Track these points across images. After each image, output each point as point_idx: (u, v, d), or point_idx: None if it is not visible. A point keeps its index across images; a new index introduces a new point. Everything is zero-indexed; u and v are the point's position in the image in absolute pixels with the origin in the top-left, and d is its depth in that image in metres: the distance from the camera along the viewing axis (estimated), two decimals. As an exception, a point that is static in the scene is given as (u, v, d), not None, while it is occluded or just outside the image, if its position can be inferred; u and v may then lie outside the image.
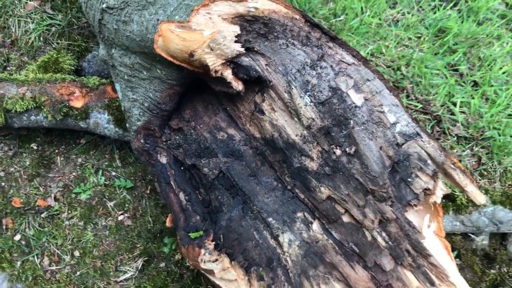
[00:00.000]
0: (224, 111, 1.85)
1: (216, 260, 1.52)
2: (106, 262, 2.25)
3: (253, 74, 1.58)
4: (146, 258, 2.26)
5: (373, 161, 1.47)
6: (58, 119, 2.13)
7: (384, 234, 1.46)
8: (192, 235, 1.66)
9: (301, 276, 1.50)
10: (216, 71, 1.54)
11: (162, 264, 2.28)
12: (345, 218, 1.55)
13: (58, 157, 2.48)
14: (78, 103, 2.15)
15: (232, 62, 1.57)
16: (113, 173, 2.47)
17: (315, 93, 1.56)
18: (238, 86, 1.62)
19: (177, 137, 1.90)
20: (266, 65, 1.61)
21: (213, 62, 1.49)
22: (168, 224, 1.85)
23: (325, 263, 1.51)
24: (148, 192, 2.39)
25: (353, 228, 1.53)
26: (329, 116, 1.54)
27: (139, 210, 2.40)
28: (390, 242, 1.46)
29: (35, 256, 2.24)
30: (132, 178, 2.45)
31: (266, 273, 1.52)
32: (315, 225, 1.57)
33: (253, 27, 1.54)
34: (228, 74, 1.58)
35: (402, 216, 1.45)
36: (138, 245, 2.31)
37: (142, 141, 1.91)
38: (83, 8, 1.98)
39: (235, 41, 1.51)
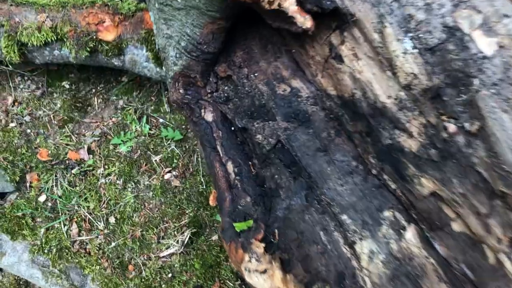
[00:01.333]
0: (288, 54, 1.48)
1: (265, 271, 1.22)
2: (148, 231, 2.08)
3: (327, 5, 1.19)
4: (195, 229, 2.04)
5: (508, 148, 1.03)
6: (84, 56, 1.87)
7: (516, 259, 1.07)
8: (238, 226, 1.38)
9: (384, 308, 1.17)
10: (270, 2, 1.15)
11: (215, 237, 2.06)
12: (456, 226, 1.16)
13: (95, 98, 2.29)
14: (108, 35, 1.87)
15: None
16: (160, 120, 2.25)
17: (421, 35, 1.15)
18: (305, 22, 1.23)
19: (226, 88, 1.58)
20: None
21: None
22: (211, 203, 1.60)
23: (421, 291, 1.15)
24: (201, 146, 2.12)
25: (467, 242, 1.14)
26: (441, 71, 1.12)
27: (190, 168, 2.20)
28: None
29: (62, 223, 2.11)
30: (183, 127, 2.19)
31: (334, 296, 1.20)
32: (410, 233, 1.20)
33: None
34: (290, 5, 1.19)
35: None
36: (187, 211, 2.11)
37: (181, 91, 1.61)
38: None
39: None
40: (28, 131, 2.21)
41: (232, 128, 1.60)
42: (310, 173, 1.33)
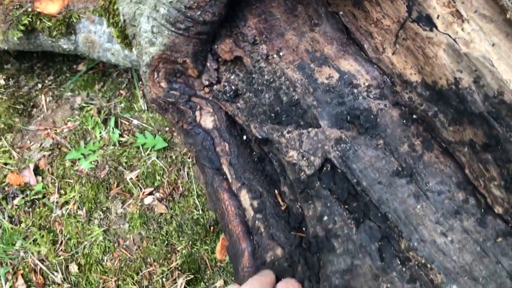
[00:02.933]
0: (331, 19, 1.07)
1: None
2: (125, 280, 1.77)
3: None
4: (191, 274, 1.73)
5: None
6: (17, 39, 1.43)
7: None
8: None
9: None
10: None
11: (219, 283, 1.68)
12: None
13: (43, 96, 2.00)
14: (50, 6, 1.51)
15: None
16: (134, 122, 1.93)
17: None
18: None
19: (233, 77, 1.19)
20: None
21: None
22: (219, 255, 1.28)
23: None
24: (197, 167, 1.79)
25: None
26: None
27: (179, 187, 1.88)
28: None
29: (2, 277, 1.75)
30: (166, 130, 1.81)
31: None
32: None
33: None
34: None
35: None
36: (178, 248, 1.81)
37: (163, 84, 1.22)
38: None
39: None
40: (-52, 147, 1.85)
41: (245, 138, 1.18)
42: (386, 213, 0.91)
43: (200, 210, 1.79)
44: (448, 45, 0.86)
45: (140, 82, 1.92)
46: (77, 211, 1.83)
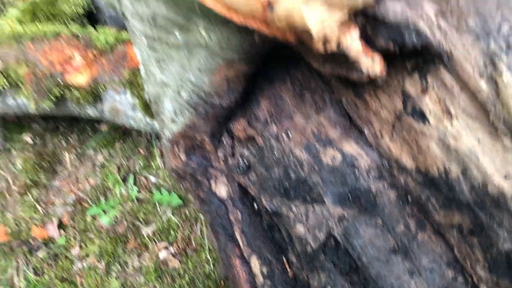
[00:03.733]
0: (335, 104, 1.16)
1: None
2: None
3: (413, 41, 0.85)
4: None
5: None
6: (47, 107, 1.53)
7: None
8: None
9: None
10: (327, 41, 0.81)
11: None
12: None
13: (67, 154, 2.02)
14: (80, 78, 1.56)
15: (363, 16, 0.84)
16: (152, 180, 1.93)
17: None
18: (372, 66, 0.90)
19: (246, 152, 1.26)
20: (437, 16, 0.87)
21: (321, 20, 0.77)
22: None
23: None
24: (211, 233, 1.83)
25: None
26: None
27: (192, 242, 1.91)
28: None
29: None
30: (181, 188, 1.86)
31: None
32: None
33: None
34: (352, 42, 0.85)
35: None
36: None
37: (182, 157, 1.29)
38: None
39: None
40: (-21, 201, 1.89)
41: (256, 206, 1.26)
42: (383, 288, 0.98)
43: (211, 265, 1.82)
44: (439, 138, 0.95)
45: (158, 142, 1.98)
46: (96, 264, 1.85)
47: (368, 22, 0.86)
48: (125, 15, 1.22)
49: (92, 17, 1.87)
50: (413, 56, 0.95)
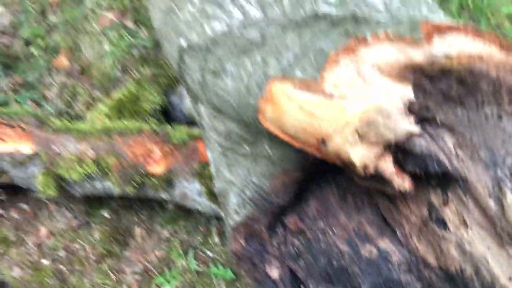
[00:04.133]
0: (372, 207, 1.36)
1: None
2: None
3: (433, 167, 1.07)
4: None
5: None
6: (130, 192, 1.81)
7: None
8: None
9: None
10: (366, 167, 1.05)
11: None
12: None
13: (138, 229, 2.21)
14: (157, 168, 1.82)
15: (396, 147, 1.07)
16: (209, 254, 2.12)
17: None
18: (402, 183, 1.12)
19: (296, 241, 1.47)
20: (455, 147, 1.09)
21: (362, 155, 1.01)
22: None
23: None
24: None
25: None
26: None
27: None
28: None
29: None
30: (239, 268, 2.07)
31: None
32: None
33: (438, 86, 1.02)
34: (387, 167, 1.08)
35: None
36: None
37: (242, 242, 1.50)
38: (157, 35, 1.60)
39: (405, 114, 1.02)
40: (61, 267, 2.13)
41: (304, 289, 1.46)
42: None
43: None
44: (457, 243, 1.16)
45: (216, 221, 2.19)
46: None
47: (400, 152, 1.10)
48: (203, 126, 1.50)
49: (167, 114, 2.18)
50: (436, 176, 1.17)
